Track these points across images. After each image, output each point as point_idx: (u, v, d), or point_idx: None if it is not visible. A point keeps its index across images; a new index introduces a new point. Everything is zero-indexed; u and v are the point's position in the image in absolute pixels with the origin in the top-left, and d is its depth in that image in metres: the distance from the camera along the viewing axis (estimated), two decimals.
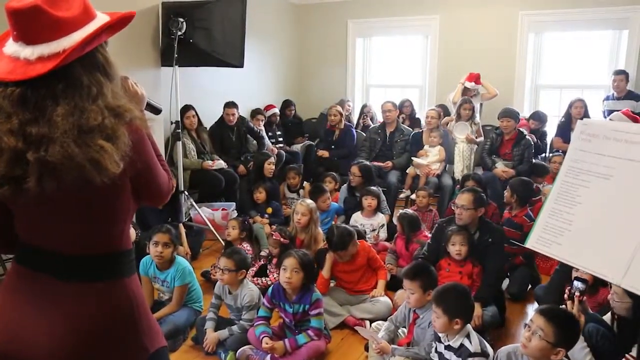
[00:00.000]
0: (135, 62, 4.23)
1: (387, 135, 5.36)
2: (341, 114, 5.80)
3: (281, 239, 3.49)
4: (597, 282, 2.64)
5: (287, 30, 7.11)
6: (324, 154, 5.81)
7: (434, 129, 5.18)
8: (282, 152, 5.82)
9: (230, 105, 5.27)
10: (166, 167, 1.32)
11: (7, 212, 1.15)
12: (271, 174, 4.87)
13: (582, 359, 2.20)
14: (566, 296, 2.31)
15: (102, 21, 1.11)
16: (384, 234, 4.19)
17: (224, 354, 2.72)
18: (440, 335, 2.30)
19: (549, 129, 5.77)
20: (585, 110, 5.23)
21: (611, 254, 1.30)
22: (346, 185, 4.74)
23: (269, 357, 2.60)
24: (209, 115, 5.30)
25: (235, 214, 4.64)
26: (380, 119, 5.93)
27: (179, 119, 4.57)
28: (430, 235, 3.43)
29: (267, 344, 2.59)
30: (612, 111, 4.63)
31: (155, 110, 1.48)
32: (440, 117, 5.33)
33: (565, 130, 5.32)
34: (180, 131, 4.47)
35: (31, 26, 1.04)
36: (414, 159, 5.10)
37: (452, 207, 3.22)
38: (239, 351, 2.69)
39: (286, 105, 6.79)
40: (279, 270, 2.86)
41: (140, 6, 4.25)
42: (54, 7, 1.04)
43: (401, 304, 2.76)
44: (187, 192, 4.53)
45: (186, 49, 4.25)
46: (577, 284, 2.28)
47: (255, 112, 5.94)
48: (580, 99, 5.33)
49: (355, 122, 6.56)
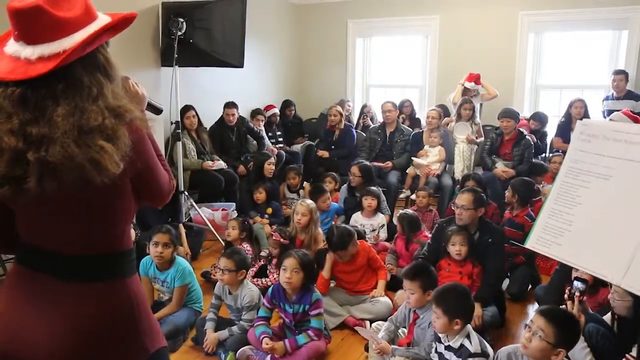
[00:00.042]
0: (135, 62, 4.23)
1: (387, 135, 5.35)
2: (341, 114, 5.79)
3: (281, 240, 3.49)
4: (597, 282, 2.64)
5: (287, 30, 7.11)
6: (324, 154, 5.81)
7: (434, 129, 5.17)
8: (282, 153, 5.81)
9: (230, 105, 5.27)
10: (167, 167, 1.32)
11: (8, 212, 1.15)
12: (271, 174, 4.87)
13: (583, 359, 2.20)
14: (566, 296, 2.31)
15: (103, 22, 1.12)
16: (384, 234, 4.19)
17: (224, 355, 2.72)
18: (440, 335, 2.30)
19: (549, 129, 5.77)
20: (585, 110, 5.23)
21: (611, 255, 1.30)
22: (346, 185, 4.73)
23: (269, 357, 2.60)
24: (209, 115, 5.30)
25: (235, 214, 4.64)
26: (380, 119, 5.93)
27: (179, 119, 4.57)
28: (430, 235, 3.42)
29: (267, 344, 2.59)
30: (611, 111, 4.62)
31: (156, 110, 1.48)
32: (440, 118, 5.33)
33: (565, 130, 5.32)
34: (180, 131, 4.46)
35: (32, 26, 1.04)
36: (414, 159, 5.10)
37: (452, 207, 3.22)
38: (239, 351, 2.69)
39: (286, 105, 6.79)
40: (278, 270, 2.86)
41: (140, 6, 4.26)
42: (55, 7, 1.04)
43: (401, 304, 2.76)
44: (187, 193, 4.53)
45: (186, 49, 4.26)
46: (577, 284, 2.28)
47: (255, 112, 5.94)
48: (580, 99, 5.32)
49: (355, 122, 6.56)
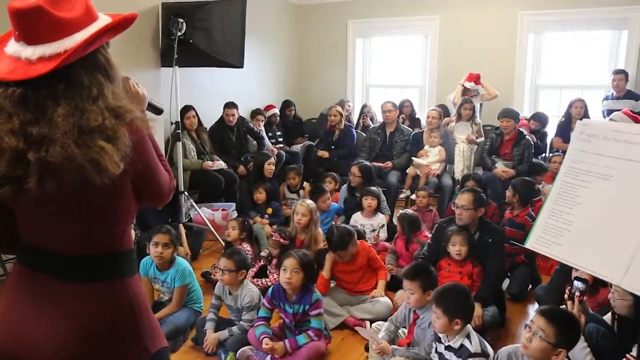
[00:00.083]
0: (135, 63, 4.24)
1: (387, 135, 5.36)
2: (341, 114, 5.79)
3: (281, 240, 3.49)
4: (597, 282, 2.64)
5: (287, 30, 7.11)
6: (324, 154, 5.81)
7: (434, 129, 5.17)
8: (282, 153, 5.81)
9: (230, 105, 5.27)
10: (168, 167, 1.32)
11: (8, 212, 1.15)
12: (271, 175, 4.87)
13: (583, 359, 2.20)
14: (566, 296, 2.31)
15: (104, 22, 1.11)
16: (384, 234, 4.19)
17: (224, 355, 2.72)
18: (440, 335, 2.30)
19: (549, 130, 5.77)
20: (585, 110, 5.23)
21: (611, 255, 1.30)
22: (346, 185, 4.73)
23: (269, 357, 2.60)
24: (209, 115, 5.30)
25: (235, 214, 4.64)
26: (380, 119, 5.93)
27: (179, 120, 4.57)
28: (430, 235, 3.42)
29: (267, 344, 2.59)
30: (611, 111, 4.62)
31: (156, 110, 1.48)
32: (441, 118, 5.33)
33: (565, 130, 5.32)
34: (180, 132, 4.46)
35: (33, 26, 1.04)
36: (414, 159, 5.10)
37: (452, 208, 3.22)
38: (239, 352, 2.69)
39: (286, 105, 6.79)
40: (278, 270, 2.86)
41: (140, 7, 4.26)
42: (56, 7, 1.04)
43: (401, 305, 2.76)
44: (187, 193, 4.53)
45: (186, 49, 4.26)
46: (577, 284, 2.28)
47: (255, 113, 5.94)
48: (580, 99, 5.32)
49: (355, 122, 6.56)
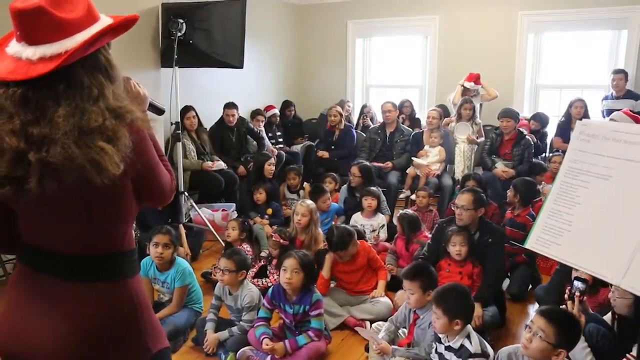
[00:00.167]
0: (135, 63, 4.24)
1: (387, 135, 5.36)
2: (341, 115, 5.79)
3: (280, 241, 3.49)
4: (598, 282, 2.63)
5: (287, 30, 7.12)
6: (324, 154, 5.80)
7: (434, 129, 5.17)
8: (282, 153, 5.82)
9: (230, 106, 5.28)
10: (169, 167, 1.32)
11: (9, 212, 1.15)
12: (271, 175, 4.87)
13: (583, 359, 2.20)
14: (566, 296, 2.31)
15: (105, 23, 1.12)
16: (384, 234, 4.19)
17: (224, 355, 2.72)
18: (440, 335, 2.30)
19: (549, 130, 5.77)
20: (585, 110, 5.22)
21: (611, 255, 1.30)
22: (346, 185, 4.73)
23: (269, 358, 2.60)
24: (209, 116, 5.30)
25: (235, 214, 4.64)
26: (380, 119, 5.93)
27: (179, 120, 4.57)
28: (430, 235, 3.43)
29: (267, 345, 2.59)
30: (611, 110, 4.62)
31: (158, 110, 1.48)
32: (441, 118, 5.32)
33: (565, 130, 5.32)
34: (180, 132, 4.46)
35: (34, 27, 1.04)
36: (414, 159, 5.10)
37: (452, 208, 3.22)
38: (239, 352, 2.69)
39: (286, 105, 6.79)
40: (279, 271, 2.86)
41: (140, 7, 4.26)
42: (57, 8, 1.05)
43: (401, 305, 2.76)
44: (187, 193, 4.53)
45: (186, 50, 4.26)
46: (577, 284, 2.28)
47: (255, 113, 5.94)
48: (580, 98, 5.32)
49: (355, 122, 6.56)
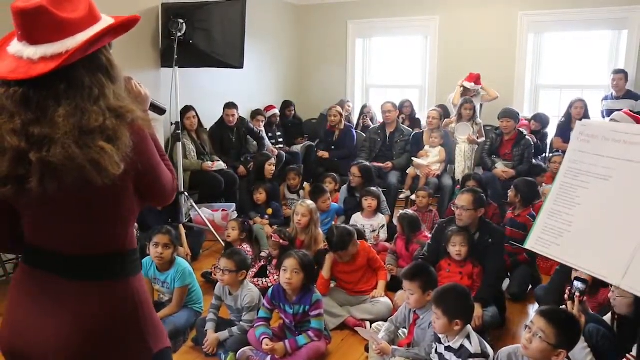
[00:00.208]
0: (135, 63, 4.25)
1: (387, 135, 5.36)
2: (341, 115, 5.79)
3: (280, 241, 3.48)
4: (597, 283, 2.63)
5: (287, 30, 7.12)
6: (324, 154, 5.80)
7: (434, 130, 5.17)
8: (282, 153, 5.82)
9: (230, 106, 5.28)
10: (171, 167, 1.32)
11: (12, 211, 1.15)
12: (271, 175, 4.87)
13: (583, 359, 2.20)
14: (566, 296, 2.31)
15: (106, 23, 1.12)
16: (384, 234, 4.19)
17: (224, 355, 2.72)
18: (440, 336, 2.30)
19: (550, 130, 5.77)
20: (585, 110, 5.22)
21: (610, 255, 1.30)
22: (346, 185, 4.73)
23: (269, 358, 2.60)
24: (209, 116, 5.30)
25: (235, 214, 4.64)
26: (380, 119, 5.93)
27: (179, 120, 4.57)
28: (430, 235, 3.43)
29: (267, 345, 2.59)
30: (611, 111, 4.62)
31: (159, 110, 1.48)
32: (441, 118, 5.32)
33: (565, 130, 5.32)
34: (180, 132, 4.46)
35: (36, 26, 1.04)
36: (414, 159, 5.10)
37: (452, 208, 3.22)
38: (239, 352, 2.69)
39: (286, 105, 6.79)
40: (279, 271, 2.86)
41: (140, 7, 4.27)
42: (59, 8, 1.05)
43: (401, 305, 2.76)
44: (187, 193, 4.53)
45: (186, 50, 4.26)
46: (577, 285, 2.28)
47: (255, 113, 5.94)
48: (580, 99, 5.32)
49: (355, 122, 6.56)
